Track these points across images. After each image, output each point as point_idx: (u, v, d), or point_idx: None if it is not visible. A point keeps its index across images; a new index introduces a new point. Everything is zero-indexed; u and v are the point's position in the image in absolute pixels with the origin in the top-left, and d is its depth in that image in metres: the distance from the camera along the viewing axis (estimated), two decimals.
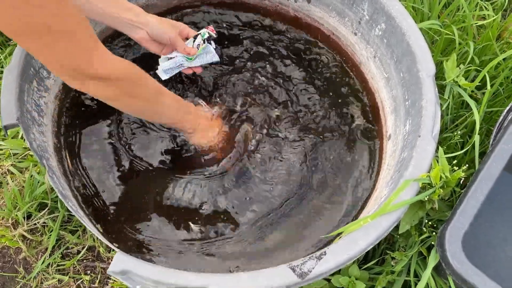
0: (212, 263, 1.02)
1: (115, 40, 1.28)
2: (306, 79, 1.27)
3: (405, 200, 0.81)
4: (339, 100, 1.23)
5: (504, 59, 1.28)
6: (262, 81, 1.26)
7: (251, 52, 1.31)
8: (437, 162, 0.88)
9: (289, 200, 1.09)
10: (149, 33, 1.08)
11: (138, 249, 1.02)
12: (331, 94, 1.24)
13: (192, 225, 1.06)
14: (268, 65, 1.29)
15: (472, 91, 1.28)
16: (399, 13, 1.03)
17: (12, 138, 1.24)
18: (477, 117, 1.01)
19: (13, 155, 1.25)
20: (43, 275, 1.14)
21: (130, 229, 1.05)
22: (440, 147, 0.90)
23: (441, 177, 0.87)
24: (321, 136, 1.18)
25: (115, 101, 0.93)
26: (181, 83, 1.25)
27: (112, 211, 1.06)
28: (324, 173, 1.13)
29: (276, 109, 1.22)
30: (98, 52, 0.80)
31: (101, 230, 1.02)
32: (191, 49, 1.13)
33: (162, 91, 1.00)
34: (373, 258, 1.07)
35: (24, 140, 1.18)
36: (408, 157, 0.89)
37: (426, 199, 0.87)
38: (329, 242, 1.01)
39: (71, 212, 0.86)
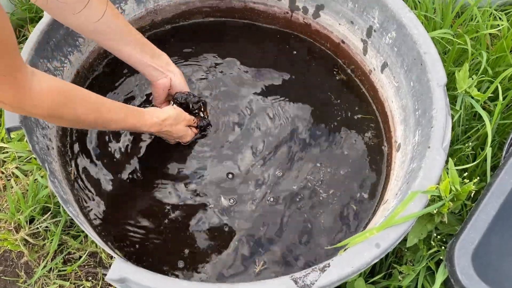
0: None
1: None
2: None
3: (413, 213, 0.78)
4: (348, 108, 1.21)
5: None
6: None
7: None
8: (447, 174, 0.85)
9: (294, 210, 1.07)
10: (172, 81, 1.08)
11: (140, 257, 1.01)
12: (339, 102, 1.22)
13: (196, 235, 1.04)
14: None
15: (486, 103, 1.25)
16: (410, 21, 1.01)
17: (18, 141, 1.24)
18: (489, 128, 0.98)
19: (18, 158, 1.24)
20: (44, 280, 1.13)
21: (133, 236, 1.03)
22: (450, 159, 0.87)
23: (451, 190, 0.84)
24: (329, 144, 1.16)
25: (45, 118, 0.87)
26: None
27: (114, 218, 1.05)
28: (330, 181, 1.10)
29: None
30: (17, 77, 0.70)
31: (103, 238, 1.01)
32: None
33: (99, 108, 0.89)
34: (380, 272, 1.04)
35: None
36: (417, 168, 0.86)
37: (435, 212, 0.84)
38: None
39: None
